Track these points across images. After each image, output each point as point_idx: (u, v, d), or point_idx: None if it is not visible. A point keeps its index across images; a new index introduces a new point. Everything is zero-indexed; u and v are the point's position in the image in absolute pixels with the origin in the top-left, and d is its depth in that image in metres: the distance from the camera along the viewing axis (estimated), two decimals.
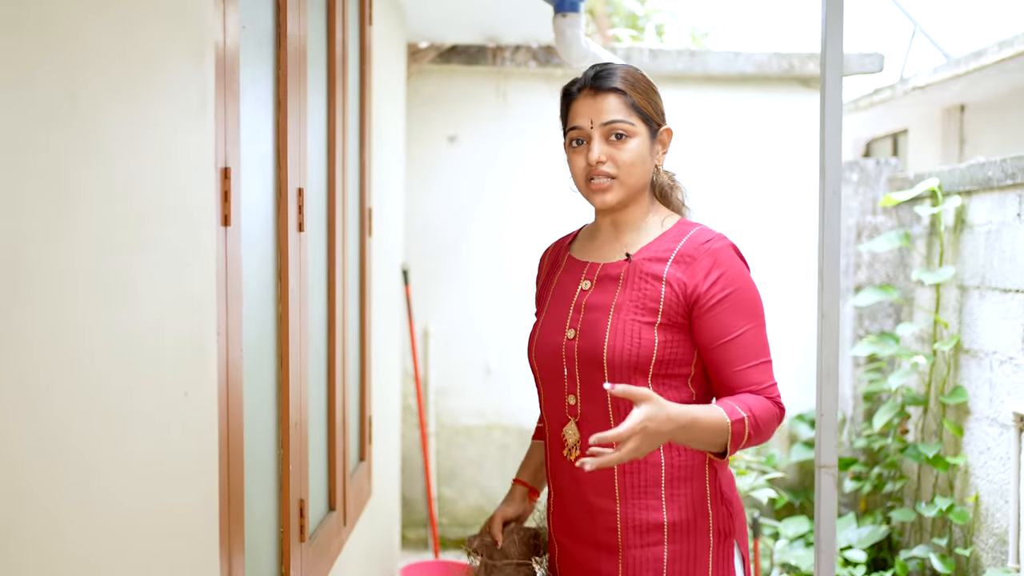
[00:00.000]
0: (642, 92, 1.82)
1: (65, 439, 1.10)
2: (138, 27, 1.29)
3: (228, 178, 1.63)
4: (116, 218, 1.22)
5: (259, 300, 1.92)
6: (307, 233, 2.26)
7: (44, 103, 1.04)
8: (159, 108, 1.36)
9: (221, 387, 1.60)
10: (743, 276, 1.78)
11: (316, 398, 2.47)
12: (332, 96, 2.63)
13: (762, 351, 1.76)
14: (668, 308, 1.75)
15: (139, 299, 1.29)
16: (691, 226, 1.85)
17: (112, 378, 1.21)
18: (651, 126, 1.83)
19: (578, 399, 1.79)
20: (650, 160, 1.84)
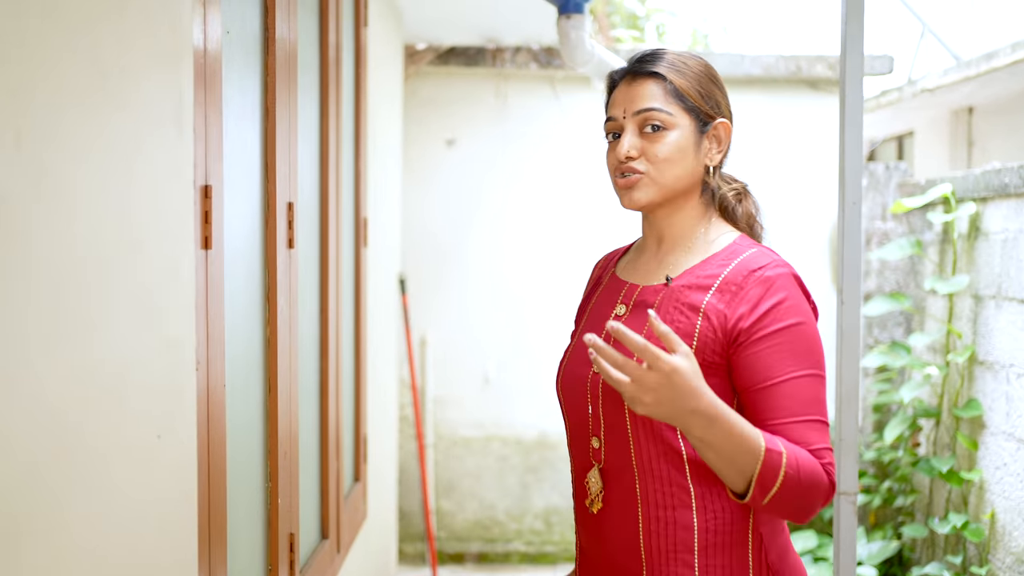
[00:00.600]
0: (691, 78, 1.55)
1: (26, 489, 0.96)
2: (103, 33, 1.16)
3: (209, 197, 1.49)
4: (77, 249, 1.09)
5: (245, 325, 1.78)
6: (297, 249, 2.13)
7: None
8: (128, 122, 1.23)
9: (201, 425, 1.47)
10: (800, 312, 1.46)
11: (308, 422, 2.34)
12: (325, 102, 2.50)
13: (814, 406, 1.42)
14: (703, 345, 1.46)
15: (104, 338, 1.16)
16: (746, 247, 1.54)
17: (73, 425, 1.08)
18: (698, 118, 1.55)
19: (602, 443, 1.52)
20: (694, 158, 1.55)
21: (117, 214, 1.20)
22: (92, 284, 1.13)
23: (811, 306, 1.49)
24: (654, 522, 1.47)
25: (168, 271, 1.35)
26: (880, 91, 6.16)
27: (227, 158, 1.63)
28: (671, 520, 1.47)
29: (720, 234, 1.57)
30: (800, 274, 1.51)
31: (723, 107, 1.59)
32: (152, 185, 1.30)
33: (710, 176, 1.58)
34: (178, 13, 1.38)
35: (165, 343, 1.33)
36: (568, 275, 4.98)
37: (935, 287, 4.13)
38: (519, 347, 5.06)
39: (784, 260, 1.51)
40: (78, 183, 1.10)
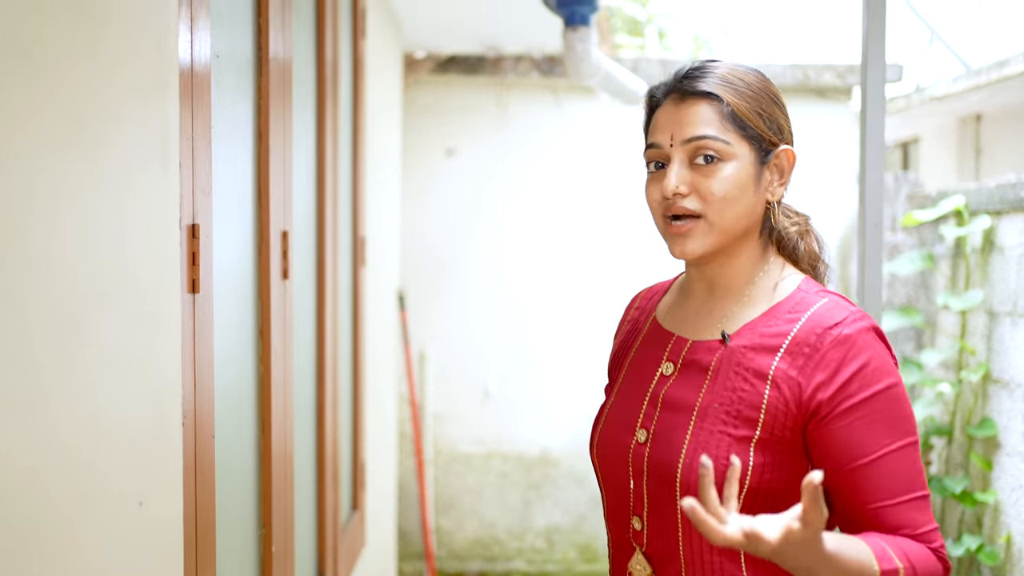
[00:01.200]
0: (750, 98, 1.31)
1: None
2: (80, 71, 1.05)
3: (196, 237, 1.39)
4: (50, 305, 0.98)
5: (236, 365, 1.68)
6: (292, 279, 2.02)
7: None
8: (108, 163, 1.12)
9: (187, 485, 1.36)
10: (888, 372, 1.24)
11: (303, 456, 2.24)
12: (322, 120, 2.39)
13: (915, 481, 1.23)
14: (771, 420, 1.24)
15: (80, 398, 1.05)
16: (815, 296, 1.30)
17: (44, 494, 0.98)
18: (760, 146, 1.32)
19: (644, 524, 1.31)
20: (755, 193, 1.31)
21: (95, 264, 1.09)
22: (66, 341, 1.02)
23: (893, 358, 1.27)
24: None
25: (151, 319, 1.24)
26: (888, 97, 6.05)
27: (217, 191, 1.53)
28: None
29: (782, 278, 1.34)
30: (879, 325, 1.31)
31: (786, 131, 1.37)
32: (135, 229, 1.20)
33: (772, 211, 1.35)
34: (162, 42, 1.27)
35: (147, 399, 1.23)
36: (571, 286, 4.88)
37: (948, 303, 4.03)
38: (521, 360, 4.95)
39: (861, 311, 1.28)
40: (54, 233, 0.99)
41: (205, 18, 1.45)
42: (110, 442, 1.14)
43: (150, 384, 1.24)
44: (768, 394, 1.25)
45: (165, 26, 1.28)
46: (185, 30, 1.36)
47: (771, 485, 1.25)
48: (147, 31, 1.23)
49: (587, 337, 4.92)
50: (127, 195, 1.18)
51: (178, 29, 1.32)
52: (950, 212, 4.16)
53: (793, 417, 1.24)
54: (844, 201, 4.92)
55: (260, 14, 1.82)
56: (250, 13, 1.78)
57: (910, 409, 1.25)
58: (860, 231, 2.28)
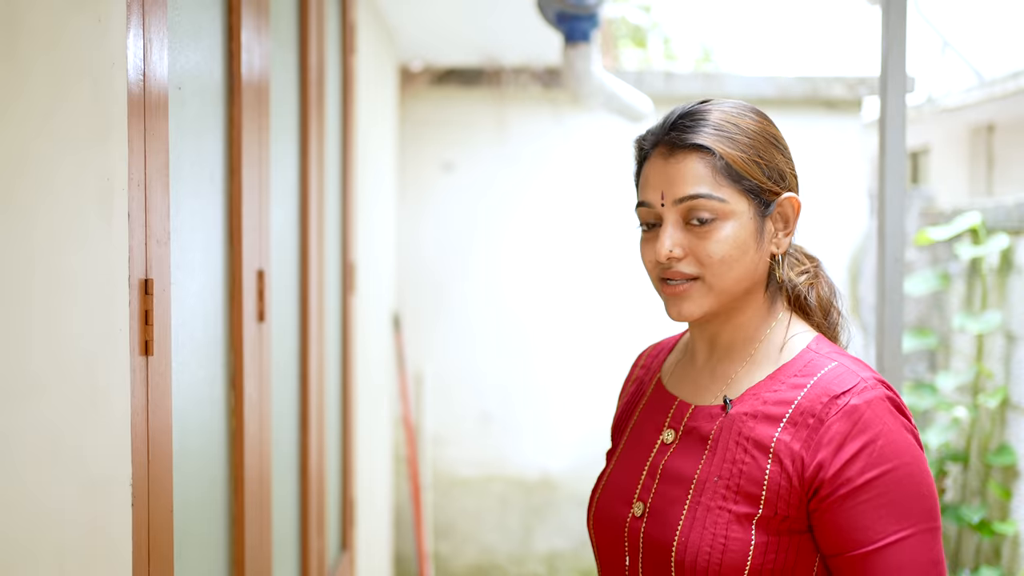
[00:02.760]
0: (747, 146, 1.18)
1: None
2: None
3: (149, 293, 1.24)
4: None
5: (202, 425, 1.53)
6: (269, 320, 1.88)
7: None
8: (34, 220, 0.98)
9: (137, 571, 1.21)
10: (900, 450, 1.11)
11: (284, 507, 2.09)
12: (305, 145, 2.25)
13: (929, 572, 1.10)
14: (773, 496, 1.12)
15: (9, 500, 0.91)
16: (825, 358, 1.18)
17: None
18: (760, 199, 1.19)
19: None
20: (757, 250, 1.19)
21: (24, 342, 0.95)
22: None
23: (910, 431, 1.13)
24: None
25: (93, 398, 1.09)
26: None
27: (178, 237, 1.38)
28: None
29: (790, 337, 1.22)
30: (894, 392, 1.15)
31: (788, 177, 1.23)
32: (71, 294, 1.05)
33: (777, 265, 1.23)
34: (102, 79, 1.13)
35: (88, 488, 1.08)
36: (573, 305, 4.74)
37: (964, 324, 3.88)
38: (521, 381, 4.81)
39: (875, 377, 1.14)
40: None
41: (162, 47, 1.30)
42: (50, 544, 0.99)
43: (94, 470, 1.10)
44: (770, 468, 1.13)
45: (106, 61, 1.14)
46: (136, 62, 1.21)
47: (775, 566, 1.13)
48: (82, 69, 1.08)
49: (589, 357, 4.77)
50: (61, 258, 1.03)
51: (125, 62, 1.18)
52: (965, 230, 4.01)
53: (797, 494, 1.12)
54: (854, 215, 4.77)
55: (231, 37, 1.67)
56: (219, 37, 1.63)
57: (928, 490, 1.11)
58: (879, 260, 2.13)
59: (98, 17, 1.12)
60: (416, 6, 3.61)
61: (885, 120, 2.14)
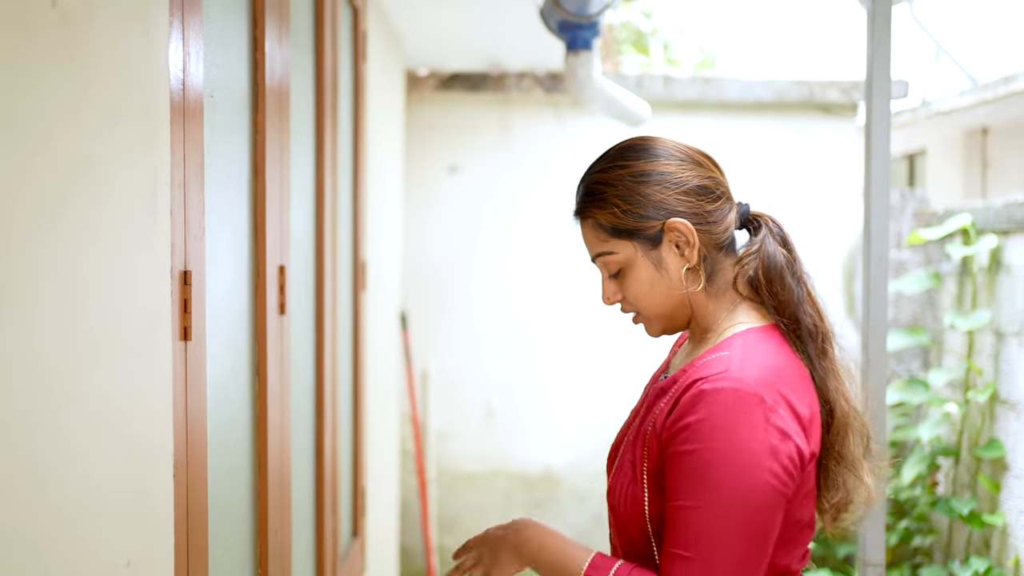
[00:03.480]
0: (613, 199, 1.35)
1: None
2: (64, 121, 1.03)
3: (188, 283, 1.36)
4: (42, 365, 0.96)
5: (231, 408, 1.65)
6: (290, 313, 2.00)
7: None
8: (96, 216, 1.10)
9: (178, 534, 1.33)
10: (718, 437, 1.25)
11: (302, 490, 2.21)
12: (321, 148, 2.37)
13: (692, 542, 1.25)
14: (651, 453, 1.33)
15: (70, 464, 1.03)
16: (724, 351, 1.33)
17: (39, 563, 0.96)
18: (644, 235, 1.35)
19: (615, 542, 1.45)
20: (668, 276, 1.36)
21: (85, 323, 1.07)
22: (56, 406, 1.00)
23: (749, 426, 1.25)
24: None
25: (138, 373, 1.21)
26: (893, 111, 6.03)
27: (211, 234, 1.50)
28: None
29: (728, 328, 1.37)
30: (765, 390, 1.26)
31: (669, 202, 1.36)
32: (125, 283, 1.17)
33: (697, 273, 1.38)
34: (151, 91, 1.25)
35: (137, 456, 1.20)
36: (574, 304, 4.85)
37: (955, 322, 3.99)
38: (524, 378, 4.93)
39: (742, 376, 1.27)
40: (42, 295, 0.97)
41: (198, 58, 1.42)
42: (98, 504, 1.11)
43: (140, 441, 1.22)
44: (650, 430, 1.35)
45: (155, 75, 1.26)
46: (176, 72, 1.34)
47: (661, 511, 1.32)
48: (133, 78, 1.20)
49: (590, 355, 4.89)
50: (116, 250, 1.15)
51: (169, 76, 1.30)
52: (957, 230, 4.12)
53: (658, 452, 1.32)
54: (849, 217, 4.88)
55: (256, 48, 1.80)
56: (245, 48, 1.75)
57: (729, 476, 1.24)
58: (865, 261, 2.25)
59: (147, 30, 1.24)
60: (423, 14, 3.73)
61: (871, 124, 2.26)
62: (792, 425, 1.27)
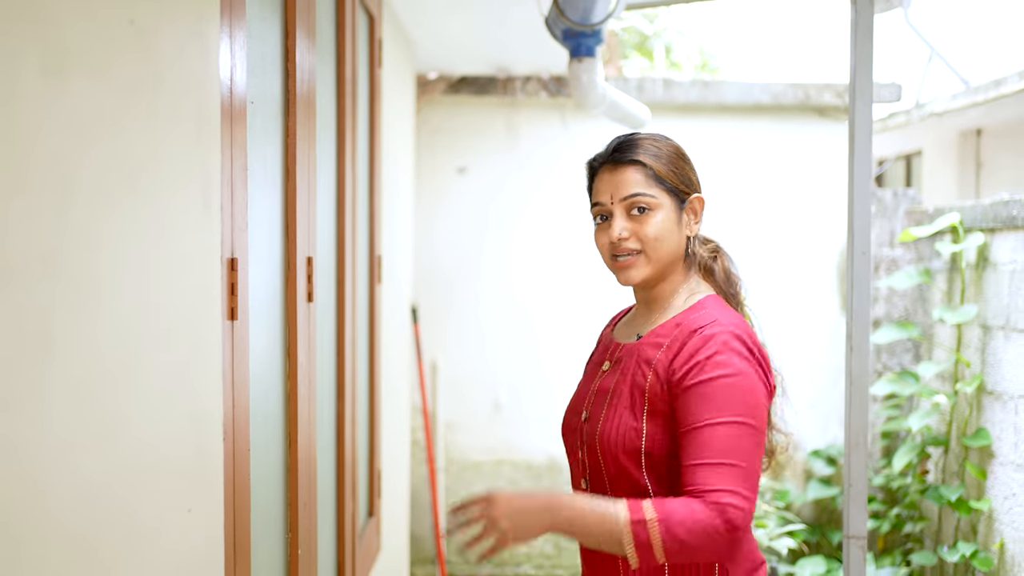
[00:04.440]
0: (666, 161, 1.69)
1: (76, 563, 1.01)
2: (135, 123, 1.20)
3: (235, 269, 1.54)
4: (115, 336, 1.13)
5: (267, 384, 1.83)
6: (316, 301, 2.17)
7: (35, 225, 0.95)
8: (159, 205, 1.27)
9: (227, 491, 1.51)
10: (733, 365, 1.55)
11: (325, 466, 2.38)
12: (342, 150, 2.54)
13: (729, 453, 1.50)
14: (653, 396, 1.60)
15: (140, 423, 1.20)
16: (701, 308, 1.66)
17: (105, 521, 1.13)
18: (678, 196, 1.69)
19: (588, 483, 1.68)
20: (679, 232, 1.70)
21: (149, 301, 1.24)
22: (127, 374, 1.17)
23: (750, 360, 1.57)
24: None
25: (196, 349, 1.39)
26: (888, 113, 6.19)
27: (251, 225, 1.67)
28: None
29: (693, 294, 1.70)
30: (745, 335, 1.60)
31: (694, 182, 1.74)
32: (183, 266, 1.34)
33: (691, 244, 1.73)
34: (205, 96, 1.42)
35: (194, 418, 1.37)
36: (578, 300, 5.02)
37: (943, 317, 4.16)
38: (529, 372, 5.10)
39: (731, 322, 1.61)
40: (114, 275, 1.14)
41: (242, 68, 1.60)
42: (164, 459, 1.28)
43: (196, 406, 1.39)
44: (650, 378, 1.61)
45: (208, 82, 1.43)
46: (225, 81, 1.51)
47: (659, 448, 1.59)
48: (192, 88, 1.37)
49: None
50: (176, 236, 1.32)
51: (219, 84, 1.47)
52: (946, 228, 4.29)
53: (664, 390, 1.59)
54: (843, 217, 5.04)
55: (288, 58, 1.97)
56: (279, 58, 1.93)
57: (747, 396, 1.53)
58: (848, 255, 2.42)
59: (202, 43, 1.42)
60: (434, 21, 3.90)
61: (854, 126, 2.43)
62: (764, 362, 1.61)
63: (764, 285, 4.96)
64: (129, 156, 1.18)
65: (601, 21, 2.90)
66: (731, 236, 4.74)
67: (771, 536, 3.79)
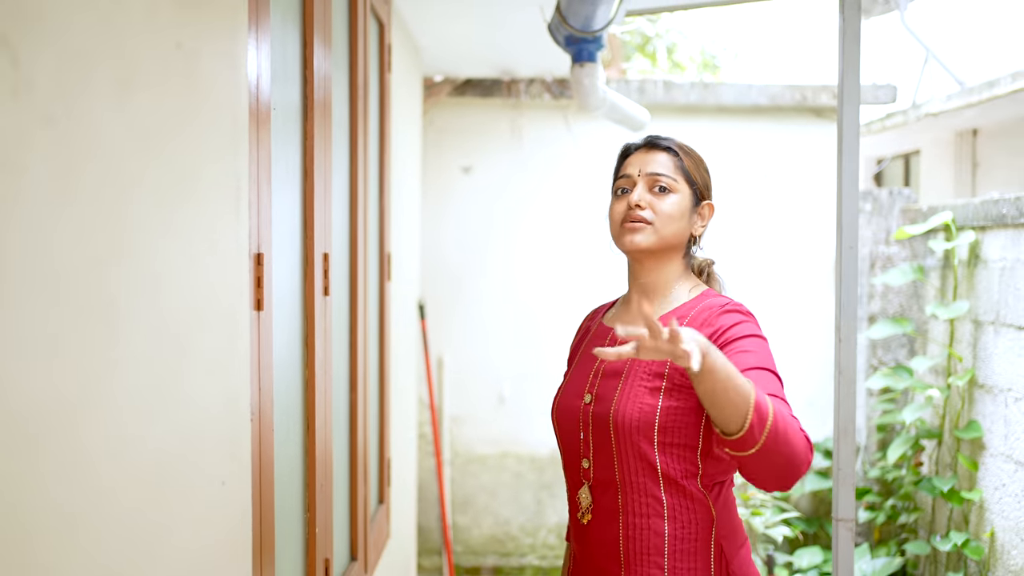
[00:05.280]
0: (693, 160, 1.87)
1: (120, 536, 1.13)
2: (181, 134, 1.33)
3: (261, 264, 1.66)
4: (162, 331, 1.26)
5: (288, 372, 1.95)
6: (332, 296, 2.30)
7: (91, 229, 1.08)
8: (199, 206, 1.40)
9: (254, 469, 1.63)
10: (757, 332, 1.75)
11: (339, 452, 2.51)
12: (354, 153, 2.67)
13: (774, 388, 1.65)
14: (673, 373, 1.72)
15: (180, 407, 1.32)
16: (712, 295, 1.84)
17: (155, 490, 1.25)
18: (695, 193, 1.85)
19: (591, 463, 1.78)
20: (687, 222, 1.84)
21: (192, 293, 1.36)
22: (174, 358, 1.29)
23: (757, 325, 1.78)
24: (632, 529, 1.73)
25: (230, 336, 1.51)
26: (886, 114, 6.30)
27: (275, 223, 1.80)
28: (646, 527, 1.72)
29: (694, 286, 1.88)
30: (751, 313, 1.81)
31: (710, 190, 1.91)
32: (218, 261, 1.47)
33: (694, 241, 1.89)
34: (237, 108, 1.55)
35: (229, 399, 1.50)
36: (579, 297, 5.14)
37: (936, 312, 4.27)
38: (533, 367, 5.22)
39: (739, 302, 1.81)
40: (164, 270, 1.27)
41: (267, 77, 1.72)
42: (201, 440, 1.41)
43: (230, 389, 1.51)
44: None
45: (239, 92, 1.56)
46: (252, 89, 1.63)
47: (674, 423, 1.71)
48: (225, 99, 1.50)
49: None
50: (214, 232, 1.45)
51: (248, 93, 1.60)
52: (939, 226, 4.41)
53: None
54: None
55: (306, 66, 2.09)
56: (298, 67, 2.05)
57: (767, 352, 1.72)
58: (837, 249, 2.54)
59: (234, 59, 1.54)
60: (440, 26, 4.03)
61: (842, 128, 2.54)
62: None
63: (761, 284, 5.08)
64: (179, 162, 1.30)
65: (602, 28, 3.02)
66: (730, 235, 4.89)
67: (767, 524, 3.91)
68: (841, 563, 2.57)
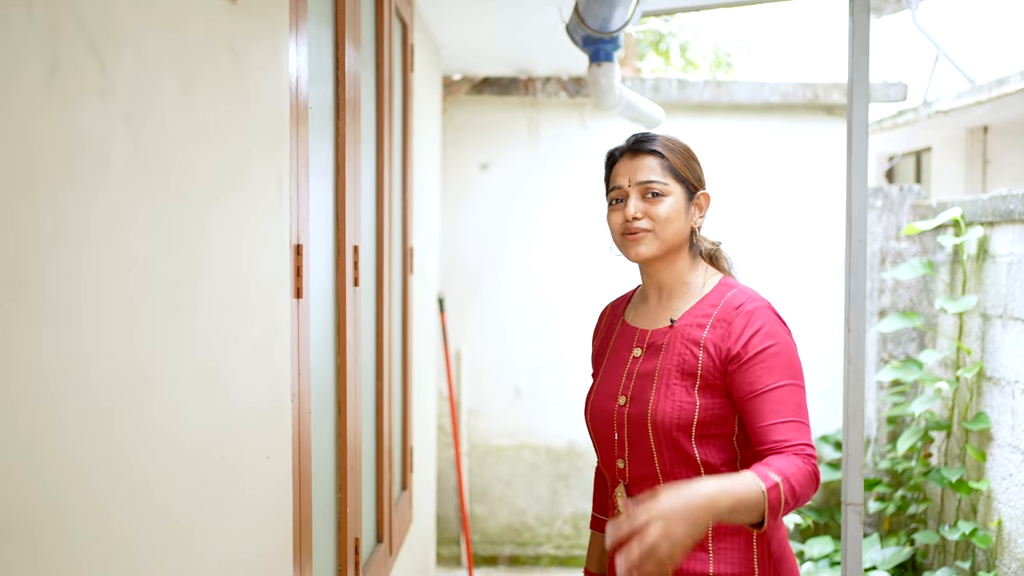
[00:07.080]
0: (679, 156, 1.87)
1: (184, 498, 1.24)
2: (236, 131, 1.43)
3: (300, 254, 1.76)
4: (218, 314, 1.36)
5: (322, 357, 2.06)
6: (361, 287, 2.40)
7: (162, 226, 1.18)
8: (250, 199, 1.50)
9: (294, 447, 1.74)
10: (779, 334, 1.77)
11: (367, 438, 2.61)
12: (380, 149, 2.77)
13: (796, 411, 1.70)
14: (706, 372, 1.77)
15: (233, 384, 1.43)
16: (729, 288, 1.85)
17: (212, 460, 1.36)
18: (688, 188, 1.86)
19: (626, 463, 1.82)
20: (686, 219, 1.86)
21: (242, 282, 1.47)
22: (227, 337, 1.40)
23: (785, 328, 1.80)
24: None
25: (274, 321, 1.62)
26: (897, 111, 6.37)
27: (311, 216, 1.90)
28: None
29: (708, 278, 1.89)
30: (773, 305, 1.83)
31: (702, 180, 1.92)
32: (264, 251, 1.57)
33: (695, 235, 1.92)
34: (279, 107, 1.65)
35: (272, 381, 1.61)
36: (595, 291, 5.24)
37: (945, 306, 4.35)
38: (549, 360, 5.32)
39: (759, 295, 1.84)
40: (216, 260, 1.37)
41: (305, 79, 1.83)
42: (250, 415, 1.51)
43: (274, 371, 1.62)
44: (702, 356, 1.79)
45: (282, 92, 1.66)
46: (292, 89, 1.74)
47: (711, 417, 1.77)
48: (269, 98, 1.61)
49: None
50: (261, 224, 1.56)
51: (289, 92, 1.70)
52: (949, 222, 4.49)
53: (719, 369, 1.77)
54: None
55: (338, 67, 2.20)
56: (330, 67, 2.16)
57: (796, 360, 1.76)
58: (847, 241, 2.63)
59: (277, 61, 1.65)
60: (460, 27, 4.13)
61: (851, 126, 2.63)
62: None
63: (774, 279, 5.16)
64: (232, 157, 1.41)
65: (619, 28, 3.11)
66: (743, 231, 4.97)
67: None
68: (851, 546, 2.66)
